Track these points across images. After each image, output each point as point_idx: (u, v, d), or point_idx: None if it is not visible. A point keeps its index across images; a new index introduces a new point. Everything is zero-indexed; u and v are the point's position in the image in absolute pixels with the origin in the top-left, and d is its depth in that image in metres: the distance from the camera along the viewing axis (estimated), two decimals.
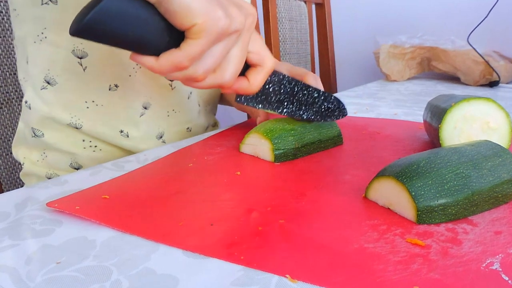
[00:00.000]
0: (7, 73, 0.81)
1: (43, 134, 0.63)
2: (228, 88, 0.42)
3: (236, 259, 0.31)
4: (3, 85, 0.80)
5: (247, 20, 0.39)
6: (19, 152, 0.68)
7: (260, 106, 0.52)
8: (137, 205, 0.39)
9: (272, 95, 0.52)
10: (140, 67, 0.61)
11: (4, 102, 0.81)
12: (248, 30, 0.40)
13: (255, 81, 0.43)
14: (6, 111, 0.81)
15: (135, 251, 0.32)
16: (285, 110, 0.54)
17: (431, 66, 1.42)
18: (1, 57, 0.80)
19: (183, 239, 0.33)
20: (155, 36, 0.36)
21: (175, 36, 0.36)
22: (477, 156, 0.39)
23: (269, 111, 0.53)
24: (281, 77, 0.52)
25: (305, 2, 1.46)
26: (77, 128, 0.62)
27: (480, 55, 1.24)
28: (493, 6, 1.29)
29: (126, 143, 0.64)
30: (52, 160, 0.65)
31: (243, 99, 0.50)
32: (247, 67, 0.44)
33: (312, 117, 0.56)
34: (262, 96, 0.51)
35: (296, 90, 0.54)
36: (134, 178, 0.46)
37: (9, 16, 0.78)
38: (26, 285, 0.28)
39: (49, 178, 0.65)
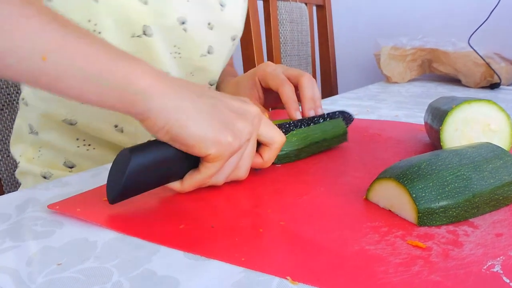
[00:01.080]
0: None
1: (38, 131, 0.65)
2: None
3: (236, 261, 0.31)
4: (4, 86, 0.80)
5: (253, 123, 0.43)
6: (16, 149, 0.69)
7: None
8: (137, 207, 0.39)
9: None
10: None
11: (6, 104, 0.81)
12: (256, 131, 0.44)
13: (268, 158, 0.46)
14: (7, 112, 0.81)
15: (136, 252, 0.32)
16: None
17: (432, 68, 1.42)
18: None
19: (184, 241, 0.33)
20: (177, 167, 0.40)
21: (193, 158, 0.40)
22: (478, 158, 0.39)
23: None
24: (287, 125, 0.54)
25: (306, 4, 1.46)
26: (72, 124, 0.63)
27: (481, 57, 1.24)
28: (494, 8, 1.29)
29: (121, 138, 0.65)
30: (47, 158, 0.66)
31: None
32: (259, 144, 0.47)
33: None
34: None
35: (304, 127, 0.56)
36: None
37: None
38: (27, 287, 0.28)
39: (44, 177, 0.66)
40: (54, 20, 0.36)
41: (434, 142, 0.54)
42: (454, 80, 1.41)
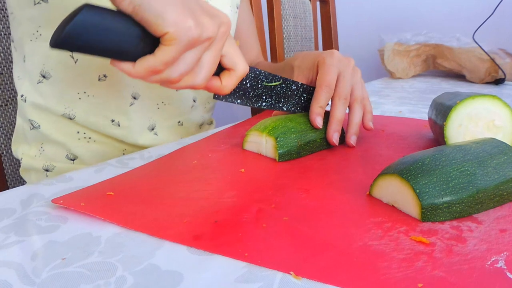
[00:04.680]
0: (10, 71, 0.81)
1: (40, 125, 0.66)
2: (200, 88, 0.45)
3: (240, 256, 0.31)
4: (8, 82, 0.81)
5: (220, 29, 0.41)
6: (18, 149, 0.71)
7: (238, 101, 0.53)
8: (141, 202, 0.40)
9: (250, 90, 0.53)
10: None
11: (10, 100, 0.81)
12: (221, 38, 0.42)
13: (227, 83, 0.46)
14: (11, 108, 0.81)
15: (139, 247, 0.32)
16: (264, 104, 0.55)
17: (436, 64, 1.42)
18: (4, 55, 0.80)
19: (187, 236, 0.33)
20: (132, 44, 0.38)
21: (151, 42, 0.38)
22: (482, 154, 0.39)
23: (248, 105, 0.54)
24: (257, 72, 0.54)
25: None
26: (70, 118, 0.64)
27: (486, 53, 1.24)
28: (499, 3, 1.28)
29: (118, 132, 0.66)
30: (49, 152, 0.67)
31: (221, 96, 0.52)
32: (221, 69, 0.46)
33: (293, 109, 0.58)
34: (240, 92, 0.53)
35: (273, 83, 0.55)
36: (139, 175, 0.46)
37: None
38: (32, 281, 0.28)
39: (47, 170, 0.68)
40: None
41: (438, 138, 0.54)
42: (459, 76, 1.40)
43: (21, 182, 0.84)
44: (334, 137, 0.54)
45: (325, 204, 0.39)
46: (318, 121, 0.54)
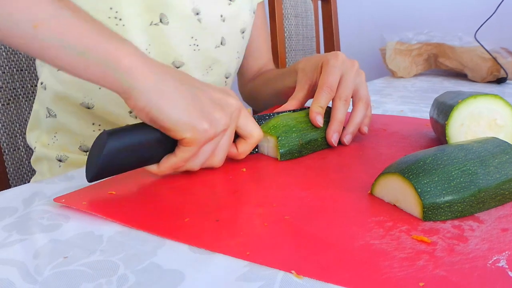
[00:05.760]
0: (14, 69, 0.81)
1: (56, 114, 0.66)
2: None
3: (241, 255, 0.31)
4: (10, 81, 0.81)
5: (232, 115, 0.44)
6: (31, 136, 0.71)
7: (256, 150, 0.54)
8: (143, 201, 0.40)
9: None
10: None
11: (12, 99, 0.81)
12: (233, 123, 0.45)
13: (243, 150, 0.48)
14: (13, 107, 0.82)
15: (141, 246, 0.32)
16: None
17: (438, 63, 1.41)
18: (9, 53, 0.80)
19: (189, 235, 0.33)
20: (155, 150, 0.42)
21: (171, 141, 0.42)
22: (484, 153, 0.39)
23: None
24: (266, 117, 0.55)
25: None
26: (89, 108, 0.65)
27: (488, 52, 1.23)
28: (501, 2, 1.28)
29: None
30: (63, 142, 0.68)
31: None
32: (236, 135, 0.48)
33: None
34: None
35: None
36: (140, 174, 0.46)
37: None
38: (34, 279, 0.28)
39: (60, 161, 0.68)
40: None
41: (440, 137, 0.54)
42: (460, 75, 1.40)
43: (23, 181, 0.84)
44: (334, 138, 0.54)
45: (327, 203, 0.39)
46: (318, 120, 0.54)
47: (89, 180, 0.40)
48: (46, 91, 0.66)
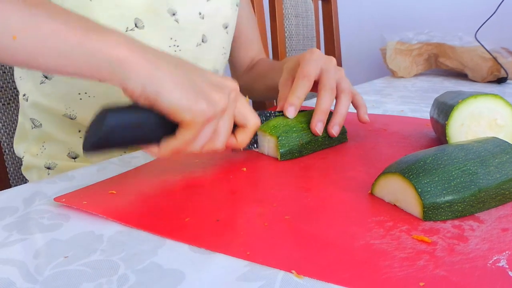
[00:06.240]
0: (12, 69, 0.81)
1: (41, 124, 0.66)
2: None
3: (242, 255, 0.31)
4: (10, 81, 0.81)
5: (230, 97, 0.44)
6: (20, 147, 0.71)
7: (255, 146, 0.54)
8: (143, 201, 0.40)
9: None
10: None
11: (12, 98, 0.81)
12: (232, 104, 0.45)
13: (242, 140, 0.48)
14: (14, 107, 0.82)
15: (142, 246, 0.32)
16: None
17: (438, 63, 1.41)
18: None
19: (189, 234, 0.33)
20: (154, 131, 0.41)
21: (171, 124, 0.41)
22: (484, 153, 0.39)
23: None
24: (267, 114, 0.56)
25: None
26: (71, 118, 0.65)
27: (488, 52, 1.23)
28: (501, 2, 1.28)
29: None
30: (51, 151, 0.68)
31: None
32: (234, 125, 0.48)
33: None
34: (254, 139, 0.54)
35: None
36: (141, 173, 0.47)
37: None
38: (35, 279, 0.28)
39: (48, 168, 0.68)
40: (24, 1, 0.37)
41: (440, 137, 0.54)
42: (461, 75, 1.40)
43: (24, 180, 0.84)
44: (318, 127, 0.53)
45: (327, 203, 0.39)
46: (290, 111, 0.54)
47: (85, 150, 0.39)
48: (28, 103, 0.66)
